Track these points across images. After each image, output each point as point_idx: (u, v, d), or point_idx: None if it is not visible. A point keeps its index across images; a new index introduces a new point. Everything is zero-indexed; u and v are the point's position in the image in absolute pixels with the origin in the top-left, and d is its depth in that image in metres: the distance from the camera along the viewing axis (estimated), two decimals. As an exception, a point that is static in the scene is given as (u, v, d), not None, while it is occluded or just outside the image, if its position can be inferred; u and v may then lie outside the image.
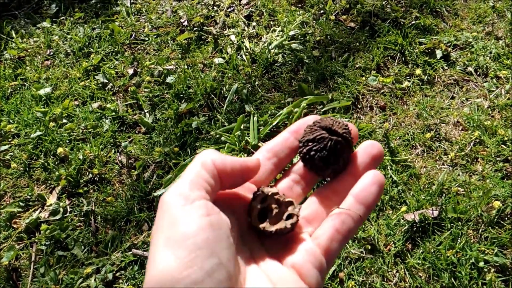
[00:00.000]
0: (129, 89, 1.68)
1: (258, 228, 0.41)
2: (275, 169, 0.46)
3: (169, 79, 1.69)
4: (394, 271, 1.17)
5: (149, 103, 1.63)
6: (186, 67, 1.75)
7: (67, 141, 1.52)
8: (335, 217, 0.40)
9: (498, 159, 1.38)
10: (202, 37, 1.92)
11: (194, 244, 0.33)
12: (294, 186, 0.45)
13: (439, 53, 1.72)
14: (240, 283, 0.36)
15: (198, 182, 0.37)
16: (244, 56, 1.77)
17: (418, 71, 1.66)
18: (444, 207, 1.25)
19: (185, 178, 0.38)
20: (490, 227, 1.22)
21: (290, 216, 0.42)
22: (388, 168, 1.37)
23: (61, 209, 1.32)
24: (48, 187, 1.41)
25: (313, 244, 0.40)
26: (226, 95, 1.60)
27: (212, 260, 0.33)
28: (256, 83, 1.65)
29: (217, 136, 1.44)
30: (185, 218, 0.34)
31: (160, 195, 1.30)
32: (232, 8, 2.08)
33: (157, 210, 0.37)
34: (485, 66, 1.67)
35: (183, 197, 0.36)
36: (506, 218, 1.24)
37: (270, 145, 0.46)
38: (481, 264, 1.14)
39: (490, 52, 1.71)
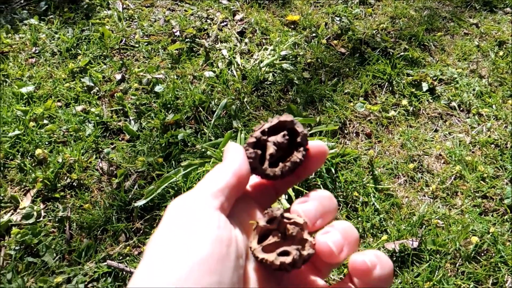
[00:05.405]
0: (115, 95, 1.64)
1: (250, 247, 0.36)
2: None
3: (158, 88, 1.66)
4: (372, 300, 1.16)
5: (135, 110, 1.60)
6: (175, 77, 1.73)
7: (47, 143, 1.47)
8: None
9: (477, 194, 1.41)
10: (194, 49, 1.91)
11: (195, 258, 0.30)
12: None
13: (425, 86, 1.76)
14: None
15: (223, 193, 0.35)
16: (234, 72, 1.77)
17: (404, 102, 1.69)
18: (423, 239, 1.27)
19: (209, 183, 0.35)
20: (467, 262, 1.23)
21: (285, 253, 0.35)
22: (371, 195, 1.37)
23: (35, 213, 1.26)
24: (22, 189, 1.35)
25: None
26: (214, 109, 1.58)
27: (211, 278, 0.29)
28: (245, 99, 1.65)
29: (203, 150, 1.42)
30: (192, 228, 0.31)
31: (140, 206, 1.27)
32: (225, 23, 2.08)
33: (166, 212, 0.34)
34: (468, 102, 1.72)
35: (200, 204, 0.33)
36: (482, 254, 1.26)
37: None
38: (457, 298, 1.15)
39: (474, 89, 1.77)
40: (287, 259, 0.34)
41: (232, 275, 0.31)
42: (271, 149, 0.40)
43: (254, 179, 0.42)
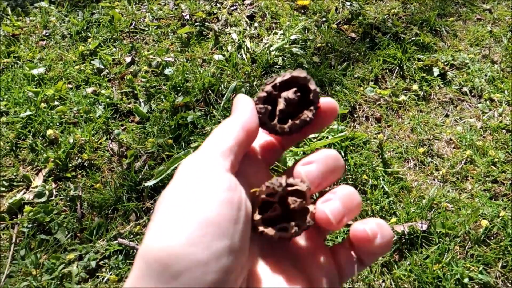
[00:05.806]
0: (125, 77, 1.65)
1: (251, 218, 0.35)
2: None
3: (167, 71, 1.66)
4: (380, 281, 1.17)
5: (145, 93, 1.60)
6: (185, 60, 1.73)
7: (58, 124, 1.48)
8: None
9: (487, 179, 1.40)
10: (203, 32, 1.90)
11: (205, 219, 0.29)
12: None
13: (436, 71, 1.74)
14: (250, 282, 0.33)
15: (233, 150, 0.34)
16: (244, 55, 1.76)
17: (415, 87, 1.68)
18: (433, 222, 1.26)
19: (219, 140, 0.34)
20: (476, 245, 1.23)
21: (283, 229, 0.35)
22: (381, 179, 1.37)
23: (47, 192, 1.28)
24: (34, 169, 1.37)
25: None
26: (223, 92, 1.58)
27: (222, 241, 0.29)
28: (255, 83, 1.65)
29: (213, 132, 1.42)
30: (204, 189, 0.31)
31: (150, 186, 1.28)
32: (235, 7, 2.07)
33: (176, 173, 0.33)
34: (480, 87, 1.70)
35: (211, 165, 0.32)
36: (492, 238, 1.25)
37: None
38: (466, 280, 1.15)
39: (486, 75, 1.75)
40: (286, 235, 0.35)
41: (242, 240, 0.31)
42: (281, 104, 0.39)
43: (260, 137, 0.42)
